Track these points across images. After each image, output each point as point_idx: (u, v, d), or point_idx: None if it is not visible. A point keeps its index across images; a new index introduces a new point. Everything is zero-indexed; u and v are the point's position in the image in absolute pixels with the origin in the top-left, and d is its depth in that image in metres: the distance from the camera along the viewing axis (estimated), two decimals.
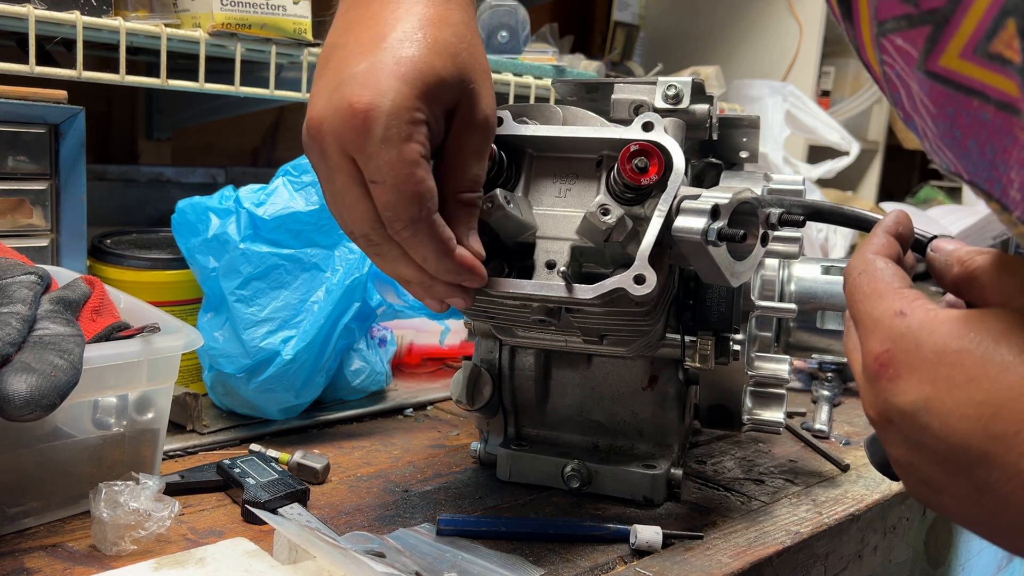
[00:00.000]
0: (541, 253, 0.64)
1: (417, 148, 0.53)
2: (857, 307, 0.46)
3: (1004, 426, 0.38)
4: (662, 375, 0.78)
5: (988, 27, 0.36)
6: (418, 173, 0.54)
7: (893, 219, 0.51)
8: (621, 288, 0.59)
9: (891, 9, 0.40)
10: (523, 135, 0.65)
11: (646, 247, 0.59)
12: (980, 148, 0.39)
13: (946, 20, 0.38)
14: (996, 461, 0.38)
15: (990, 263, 0.45)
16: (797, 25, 1.96)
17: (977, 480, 0.39)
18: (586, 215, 0.60)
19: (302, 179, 0.88)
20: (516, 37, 1.34)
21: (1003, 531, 0.41)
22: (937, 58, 0.39)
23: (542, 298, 0.61)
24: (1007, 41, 0.35)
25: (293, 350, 0.85)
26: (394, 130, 0.52)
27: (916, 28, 0.39)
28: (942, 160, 0.43)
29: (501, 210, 0.60)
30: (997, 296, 0.44)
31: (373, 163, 0.53)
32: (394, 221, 0.54)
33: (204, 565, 0.56)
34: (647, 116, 0.63)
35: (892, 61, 0.42)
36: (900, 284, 0.46)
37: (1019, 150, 0.37)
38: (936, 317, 0.42)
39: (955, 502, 0.42)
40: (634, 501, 0.76)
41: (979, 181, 0.41)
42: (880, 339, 0.43)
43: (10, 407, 0.54)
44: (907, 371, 0.41)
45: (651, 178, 0.61)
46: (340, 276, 0.88)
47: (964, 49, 0.37)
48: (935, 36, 0.38)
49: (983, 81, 0.37)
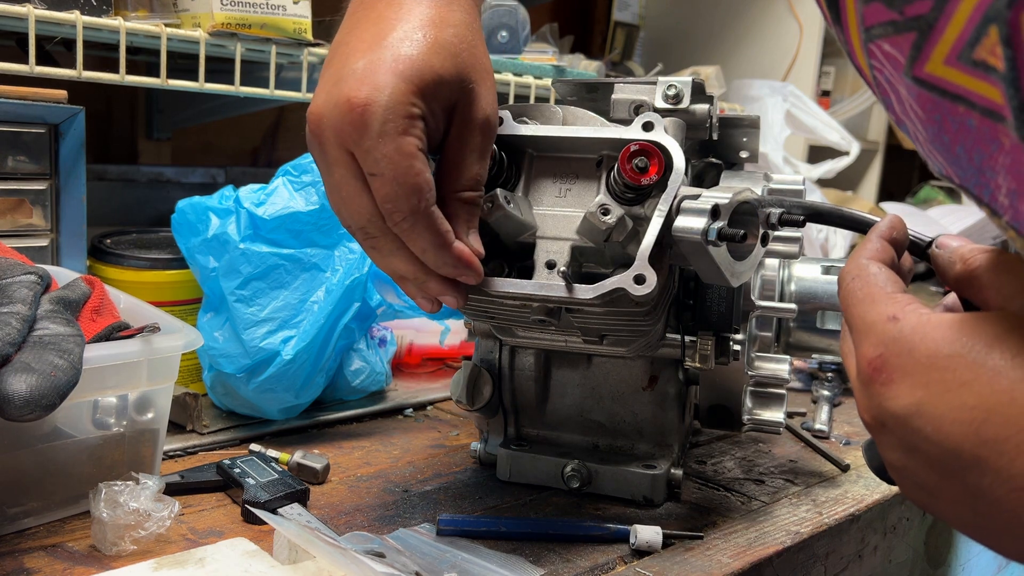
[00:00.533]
0: (541, 253, 0.63)
1: (414, 141, 0.54)
2: (851, 312, 0.47)
3: (995, 431, 0.38)
4: (662, 375, 0.78)
5: (971, 34, 0.36)
6: (416, 165, 0.54)
7: (887, 224, 0.51)
8: (621, 288, 0.59)
9: (877, 15, 0.40)
10: (523, 135, 0.65)
11: (646, 247, 0.59)
12: (967, 154, 0.39)
13: (930, 27, 0.38)
14: (988, 466, 0.38)
15: (991, 262, 0.45)
16: (797, 25, 1.96)
17: (970, 484, 0.39)
18: (586, 215, 0.60)
19: (302, 179, 0.88)
20: (516, 37, 1.34)
21: (997, 535, 0.41)
22: (923, 64, 0.39)
23: (542, 298, 0.62)
24: (990, 48, 0.35)
25: (293, 350, 0.85)
26: (391, 124, 0.53)
27: (902, 34, 0.39)
28: (934, 164, 0.43)
29: (501, 210, 0.60)
30: (996, 296, 0.44)
31: (371, 156, 0.54)
32: (393, 213, 0.55)
33: (204, 565, 0.56)
34: (647, 116, 0.63)
35: (880, 66, 0.42)
36: (893, 289, 0.46)
37: (1005, 156, 0.37)
38: (929, 322, 0.42)
39: (950, 506, 0.42)
40: (634, 501, 0.76)
41: (969, 186, 0.41)
42: (873, 344, 0.43)
43: (10, 407, 0.54)
44: (900, 375, 0.42)
45: (651, 178, 0.61)
46: (340, 276, 0.88)
47: (948, 56, 0.37)
48: (920, 43, 0.38)
49: (968, 88, 0.37)
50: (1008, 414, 0.38)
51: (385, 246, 0.58)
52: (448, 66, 0.56)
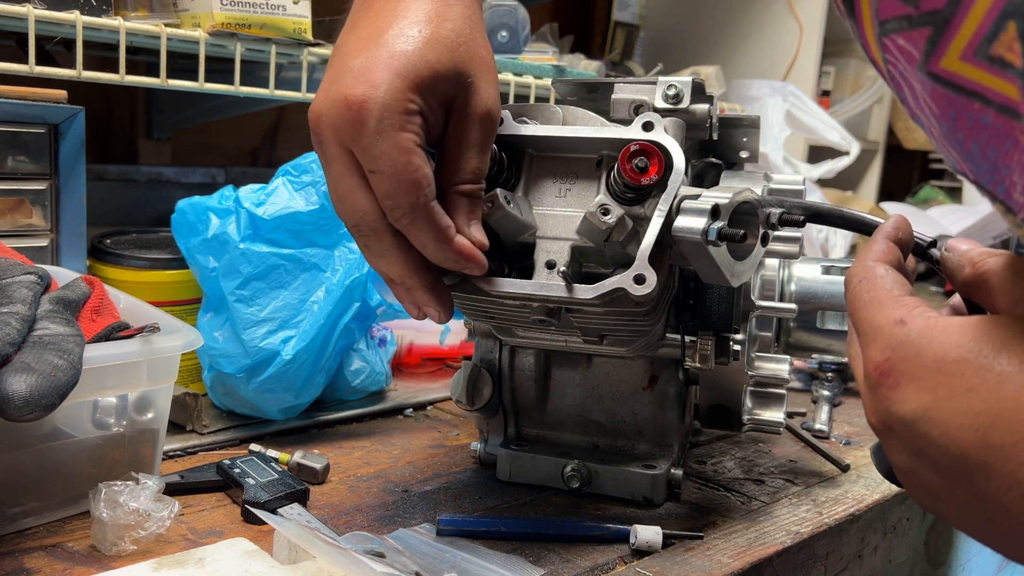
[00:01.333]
0: (541, 253, 0.64)
1: (412, 137, 0.54)
2: (858, 315, 0.46)
3: (1002, 436, 0.38)
4: (662, 375, 0.78)
5: (989, 29, 0.36)
6: (414, 161, 0.54)
7: (892, 224, 0.51)
8: (621, 288, 0.59)
9: (891, 9, 0.40)
10: (523, 135, 0.65)
11: (646, 247, 0.59)
12: (982, 150, 0.39)
13: (946, 22, 0.37)
14: (995, 471, 0.38)
15: (1001, 266, 0.45)
16: (797, 25, 1.96)
17: (976, 489, 0.39)
18: (586, 215, 0.60)
19: (302, 179, 0.88)
20: (516, 37, 1.34)
21: (1003, 539, 0.41)
22: (938, 59, 0.38)
23: (542, 298, 0.62)
24: (1008, 44, 0.35)
25: (293, 350, 0.85)
26: (388, 121, 0.53)
27: (916, 29, 0.39)
28: (948, 159, 0.43)
29: (501, 210, 0.60)
30: (1005, 300, 0.44)
31: (369, 153, 0.54)
32: (393, 209, 0.55)
33: (204, 565, 0.56)
34: (647, 116, 0.63)
35: (895, 60, 0.42)
36: (900, 292, 0.46)
37: (1020, 153, 0.37)
38: (936, 325, 0.42)
39: (956, 510, 0.42)
40: (634, 501, 0.76)
41: (983, 182, 0.41)
42: (881, 347, 0.43)
43: (10, 407, 0.54)
44: (907, 379, 0.41)
45: (651, 178, 0.61)
46: (340, 276, 0.88)
47: (965, 51, 0.37)
48: (935, 38, 0.38)
49: (984, 84, 0.37)
50: (1015, 420, 0.37)
51: (376, 246, 0.58)
52: (445, 60, 0.56)
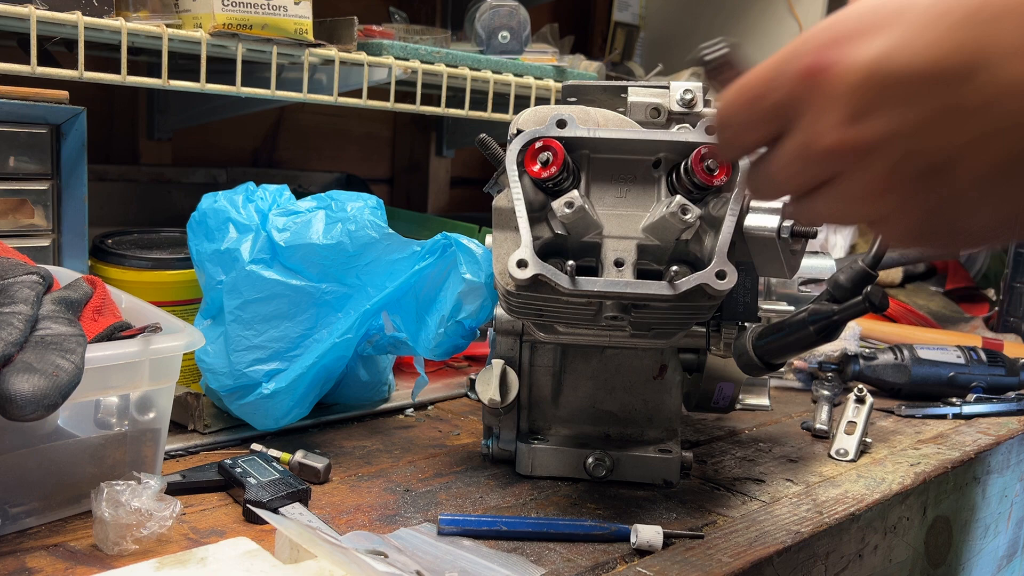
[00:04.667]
0: (609, 252, 0.66)
1: None
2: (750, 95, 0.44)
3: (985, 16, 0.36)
4: (670, 364, 0.82)
5: None
6: None
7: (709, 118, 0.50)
8: (703, 283, 0.62)
9: None
10: (588, 137, 0.68)
11: (723, 244, 0.62)
12: None
13: None
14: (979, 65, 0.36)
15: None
16: (797, 25, 1.96)
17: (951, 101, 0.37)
18: (666, 215, 0.63)
19: (341, 212, 0.83)
20: (517, 38, 1.33)
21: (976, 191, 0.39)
22: None
23: (619, 295, 0.64)
24: None
25: (274, 387, 0.82)
26: None
27: None
28: None
29: (582, 211, 0.63)
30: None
31: None
32: None
33: (205, 565, 0.56)
34: (709, 120, 0.66)
35: None
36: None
37: None
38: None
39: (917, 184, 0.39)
40: (653, 485, 0.80)
41: None
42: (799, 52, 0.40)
43: (12, 407, 0.54)
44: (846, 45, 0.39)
45: (722, 179, 0.64)
46: (353, 320, 0.83)
47: None
48: None
49: None
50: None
51: None
52: None
